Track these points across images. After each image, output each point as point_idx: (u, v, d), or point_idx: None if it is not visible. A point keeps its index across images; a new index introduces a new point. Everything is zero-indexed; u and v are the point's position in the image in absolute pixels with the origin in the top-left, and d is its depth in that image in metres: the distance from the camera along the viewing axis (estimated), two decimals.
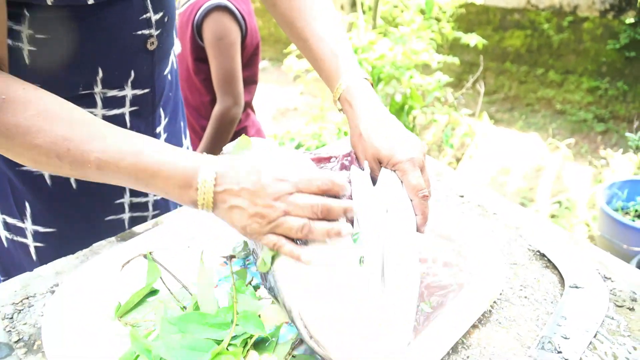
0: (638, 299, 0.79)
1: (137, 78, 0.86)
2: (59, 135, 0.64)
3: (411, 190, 0.73)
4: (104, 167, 0.65)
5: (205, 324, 0.62)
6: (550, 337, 0.71)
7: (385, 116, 0.79)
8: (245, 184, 0.64)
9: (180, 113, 1.07)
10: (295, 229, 0.64)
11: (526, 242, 0.91)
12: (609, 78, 4.04)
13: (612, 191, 2.56)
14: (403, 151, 0.74)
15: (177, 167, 0.65)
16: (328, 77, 0.85)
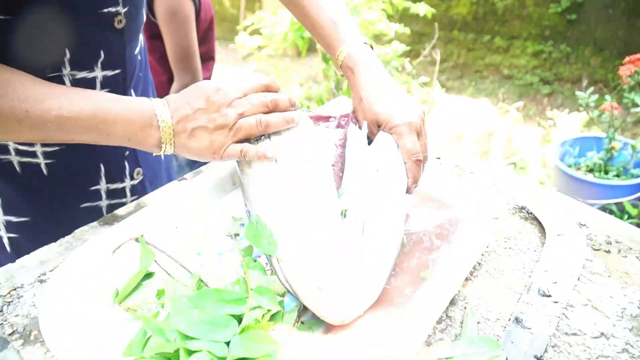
0: (612, 242, 0.84)
1: (107, 59, 0.83)
2: (15, 97, 0.64)
3: (405, 153, 0.75)
4: (64, 124, 0.66)
5: (222, 300, 0.62)
6: (539, 282, 0.75)
7: (386, 81, 0.80)
8: (197, 104, 0.69)
9: (150, 94, 1.05)
10: (254, 125, 0.70)
11: (504, 197, 0.94)
12: (552, 41, 4.17)
13: (564, 149, 2.67)
14: (400, 115, 0.76)
15: (134, 110, 0.68)
16: (328, 44, 0.86)
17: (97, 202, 0.94)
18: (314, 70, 4.41)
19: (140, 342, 0.59)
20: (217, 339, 0.57)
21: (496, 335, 0.68)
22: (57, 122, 0.65)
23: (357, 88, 0.81)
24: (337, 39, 0.84)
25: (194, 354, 0.55)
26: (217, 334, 0.58)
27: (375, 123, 0.79)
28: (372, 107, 0.78)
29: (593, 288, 0.75)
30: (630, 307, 0.72)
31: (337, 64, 0.85)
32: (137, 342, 0.59)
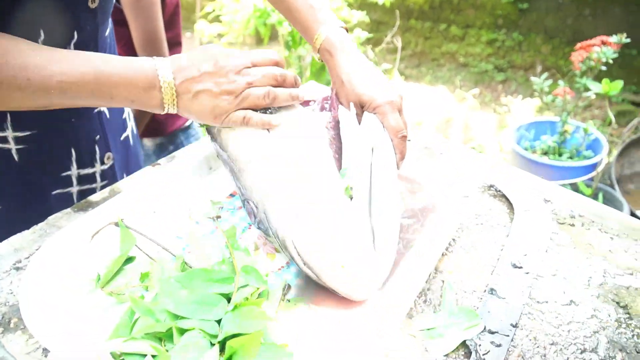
0: (576, 215, 0.89)
1: (80, 40, 0.81)
2: (16, 65, 0.62)
3: (391, 130, 0.78)
4: (67, 89, 0.65)
5: (210, 280, 0.62)
6: (511, 255, 0.78)
7: (364, 63, 0.83)
8: (204, 67, 0.68)
9: None
10: (262, 96, 0.70)
11: (473, 177, 0.97)
12: (505, 30, 4.27)
13: (520, 133, 2.75)
14: (382, 95, 0.79)
15: (136, 72, 0.67)
16: (305, 28, 0.87)
17: (68, 188, 0.92)
18: None
19: (127, 324, 0.59)
20: (207, 318, 0.58)
21: (473, 306, 0.70)
22: (60, 87, 0.64)
23: (338, 71, 0.83)
24: (314, 23, 0.85)
25: (186, 332, 0.55)
26: (207, 313, 0.58)
27: (358, 104, 0.81)
28: (354, 89, 0.81)
29: (560, 259, 0.79)
30: (595, 276, 0.77)
31: (315, 48, 0.86)
32: (124, 324, 0.59)
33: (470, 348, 0.63)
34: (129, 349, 0.55)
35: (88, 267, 0.70)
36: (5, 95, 0.64)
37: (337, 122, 0.82)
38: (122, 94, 0.67)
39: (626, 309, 0.71)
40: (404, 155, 0.80)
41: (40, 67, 0.63)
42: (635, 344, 0.66)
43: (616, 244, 0.83)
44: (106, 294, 0.66)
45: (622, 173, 2.58)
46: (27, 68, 0.63)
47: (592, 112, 3.55)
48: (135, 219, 0.77)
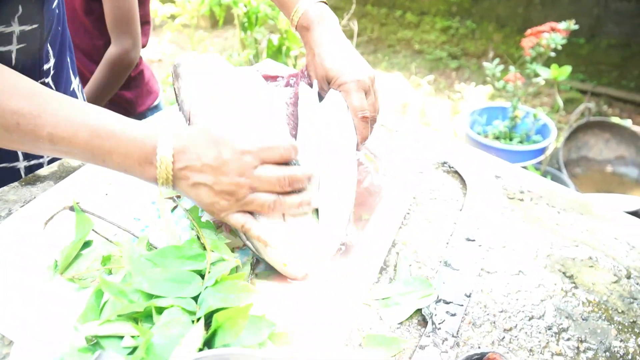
0: (525, 191, 0.91)
1: (25, 13, 0.77)
2: (7, 109, 0.58)
3: (352, 110, 0.76)
4: (58, 143, 0.60)
5: (182, 257, 0.61)
6: (464, 229, 0.80)
7: (340, 39, 0.81)
8: (206, 159, 0.61)
9: (67, 48, 0.99)
10: (267, 206, 0.63)
11: (428, 153, 0.98)
12: (459, 17, 4.34)
13: (473, 118, 2.81)
14: (350, 73, 0.77)
15: (134, 143, 0.61)
16: (283, 4, 0.85)
17: (15, 162, 0.88)
18: (230, 42, 4.32)
19: (95, 308, 0.57)
20: (183, 295, 0.56)
21: (427, 276, 0.72)
22: (50, 139, 0.60)
23: (311, 44, 0.81)
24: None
25: (165, 310, 0.54)
26: (183, 290, 0.57)
27: (325, 79, 0.80)
28: (323, 62, 0.79)
29: (509, 232, 0.81)
30: (543, 247, 0.79)
31: (293, 23, 0.84)
32: (91, 308, 0.57)
33: (426, 318, 0.65)
34: (106, 332, 0.53)
35: (42, 254, 0.67)
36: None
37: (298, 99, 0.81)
38: (115, 162, 0.62)
39: (572, 279, 0.74)
40: (364, 137, 0.78)
41: (34, 115, 0.59)
42: (581, 312, 0.69)
43: (563, 218, 0.86)
44: (66, 280, 0.64)
45: (569, 157, 2.68)
46: (21, 113, 0.58)
47: (541, 100, 3.66)
48: (88, 202, 0.75)
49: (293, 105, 0.80)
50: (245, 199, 0.62)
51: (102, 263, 0.66)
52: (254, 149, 0.63)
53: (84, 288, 0.63)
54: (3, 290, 0.62)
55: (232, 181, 0.61)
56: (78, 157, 0.63)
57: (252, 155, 0.62)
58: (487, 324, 0.66)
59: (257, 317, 0.56)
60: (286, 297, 0.64)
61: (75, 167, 0.86)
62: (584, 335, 0.66)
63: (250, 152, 0.62)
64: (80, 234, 0.66)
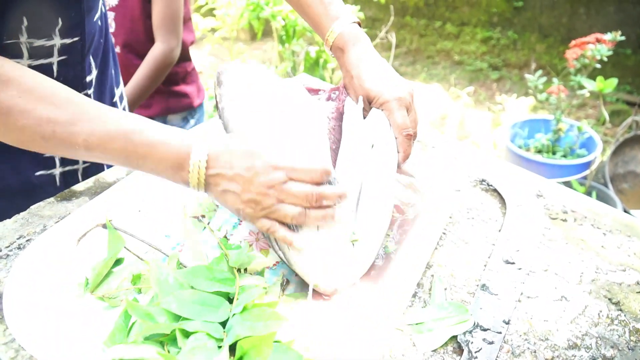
0: (568, 211, 0.87)
1: (65, 26, 0.80)
2: (44, 116, 0.61)
3: (396, 128, 0.76)
4: (93, 149, 0.63)
5: (212, 279, 0.60)
6: (503, 251, 0.77)
7: (376, 59, 0.81)
8: (238, 169, 0.63)
9: (111, 60, 1.01)
10: (290, 217, 0.64)
11: (466, 170, 0.96)
12: (500, 28, 4.26)
13: (514, 131, 2.74)
14: (390, 91, 0.77)
15: (168, 149, 0.64)
16: (317, 24, 0.85)
17: (52, 169, 0.90)
18: (268, 54, 4.36)
19: (123, 329, 0.57)
20: (211, 320, 0.56)
21: (463, 300, 0.69)
22: (86, 146, 0.62)
23: (348, 67, 0.82)
24: (327, 19, 0.83)
25: (191, 335, 0.53)
26: (211, 314, 0.56)
27: (366, 99, 0.80)
28: (363, 84, 0.79)
29: (552, 254, 0.78)
30: (588, 271, 0.75)
31: (328, 44, 0.85)
32: (120, 329, 0.57)
33: (462, 345, 0.62)
34: (132, 355, 0.52)
35: (74, 271, 0.67)
36: (28, 140, 0.63)
37: (341, 114, 0.80)
38: (149, 166, 0.65)
39: (618, 306, 0.70)
40: (407, 154, 0.78)
41: (69, 122, 0.62)
42: (627, 341, 0.65)
43: (609, 240, 0.82)
44: (96, 298, 0.64)
45: (615, 172, 2.58)
46: (56, 121, 0.61)
47: (586, 112, 3.55)
48: (120, 219, 0.75)
49: (334, 119, 0.80)
50: (270, 208, 0.64)
51: (133, 282, 0.66)
52: (287, 166, 0.64)
53: (114, 307, 0.63)
54: (33, 308, 0.62)
55: (259, 191, 0.64)
56: (113, 162, 0.66)
57: (284, 172, 0.64)
58: (527, 353, 0.63)
59: (284, 345, 0.55)
60: (316, 320, 0.63)
61: (110, 183, 0.87)
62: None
63: (283, 169, 0.64)
64: (112, 252, 0.66)
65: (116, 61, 1.06)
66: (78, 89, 0.88)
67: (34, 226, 0.77)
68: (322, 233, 0.66)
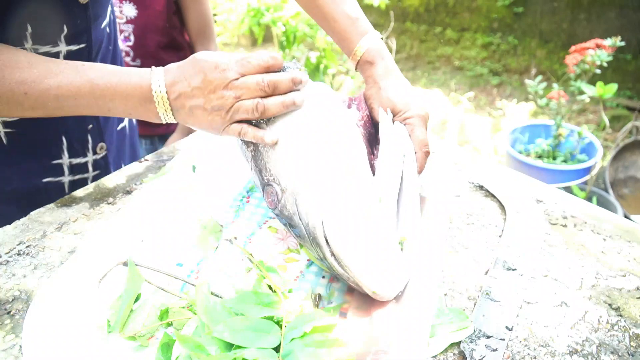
0: (568, 216, 0.87)
1: (70, 33, 0.80)
2: (13, 80, 0.64)
3: (417, 143, 0.78)
4: (64, 102, 0.66)
5: (260, 304, 0.60)
6: (504, 257, 0.77)
7: (400, 76, 0.85)
8: (194, 82, 0.68)
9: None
10: (251, 110, 0.68)
11: (466, 176, 0.96)
12: (501, 33, 4.28)
13: (514, 136, 2.75)
14: (415, 107, 0.80)
15: (131, 86, 0.67)
16: (343, 39, 0.87)
17: (60, 177, 0.90)
18: None
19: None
20: (264, 346, 0.55)
21: (464, 307, 0.69)
22: (56, 100, 0.66)
23: (376, 77, 0.83)
24: (354, 35, 0.85)
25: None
26: (263, 340, 0.56)
27: (390, 112, 0.81)
28: (390, 96, 0.81)
29: (552, 260, 0.78)
30: (588, 277, 0.75)
31: (355, 58, 0.86)
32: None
33: (465, 353, 0.62)
34: None
35: (91, 311, 0.64)
36: (4, 108, 0.66)
37: (365, 123, 0.82)
38: (119, 107, 0.69)
39: (618, 311, 0.70)
40: (422, 169, 0.79)
41: (37, 81, 0.65)
42: (627, 347, 0.65)
43: (609, 246, 0.82)
44: (126, 339, 0.61)
45: (616, 177, 2.58)
46: (25, 82, 0.65)
47: (586, 117, 3.55)
48: (126, 250, 0.73)
49: (363, 127, 0.81)
50: (232, 109, 0.69)
51: (160, 317, 0.63)
52: (233, 62, 0.69)
53: (144, 347, 0.60)
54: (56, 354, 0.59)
55: (218, 95, 0.68)
56: (86, 111, 0.69)
57: (232, 70, 0.68)
58: (528, 359, 0.62)
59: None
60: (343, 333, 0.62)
61: (111, 189, 0.87)
62: None
63: (231, 68, 0.68)
64: (132, 289, 0.64)
65: None
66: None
67: (34, 232, 0.77)
68: (373, 234, 0.65)
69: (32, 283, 0.70)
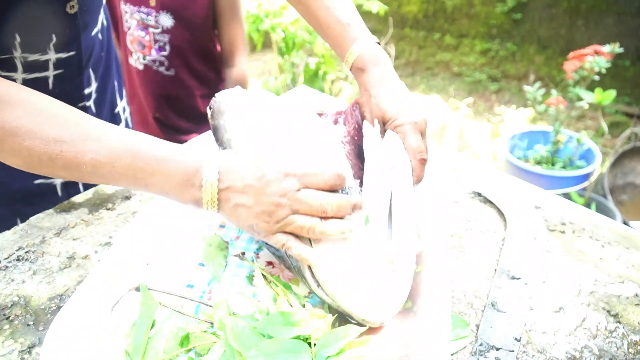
0: (566, 222, 0.87)
1: (59, 41, 0.80)
2: (50, 136, 0.60)
3: (411, 151, 0.74)
4: (100, 168, 0.61)
5: (289, 324, 0.59)
6: (507, 266, 0.77)
7: (395, 82, 0.80)
8: (249, 180, 0.61)
9: (114, 73, 1.02)
10: (307, 229, 0.62)
11: (465, 182, 0.96)
12: (499, 40, 4.29)
13: (513, 142, 2.75)
14: (407, 115, 0.76)
15: (178, 164, 0.62)
16: (336, 45, 0.84)
17: (52, 179, 0.90)
18: (268, 65, 4.39)
19: None
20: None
21: (461, 312, 0.69)
22: (92, 165, 0.61)
23: (367, 85, 0.80)
24: (346, 40, 0.82)
25: None
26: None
27: (381, 120, 0.78)
28: (380, 104, 0.77)
29: (550, 266, 0.78)
30: (586, 284, 0.75)
31: (347, 65, 0.83)
32: None
33: None
34: None
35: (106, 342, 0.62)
36: (35, 162, 0.61)
37: (353, 138, 0.79)
38: (157, 184, 0.63)
39: (617, 318, 0.70)
40: (420, 179, 0.75)
41: (75, 142, 0.60)
42: (625, 353, 0.65)
43: (607, 252, 0.82)
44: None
45: (615, 183, 2.58)
46: (63, 140, 0.60)
47: (585, 123, 3.56)
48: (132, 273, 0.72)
49: (348, 144, 0.78)
50: (284, 220, 0.62)
51: (181, 344, 0.61)
52: (299, 173, 0.62)
53: None
54: None
55: (272, 201, 0.61)
56: (120, 182, 0.64)
57: (296, 179, 0.62)
58: None
59: None
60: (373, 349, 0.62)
61: (110, 194, 0.87)
62: None
63: (295, 175, 0.62)
64: (147, 315, 0.62)
65: (120, 74, 1.07)
66: (75, 101, 0.89)
67: (33, 237, 0.77)
68: (356, 258, 0.63)
69: (31, 288, 0.70)
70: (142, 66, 1.56)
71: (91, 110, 0.94)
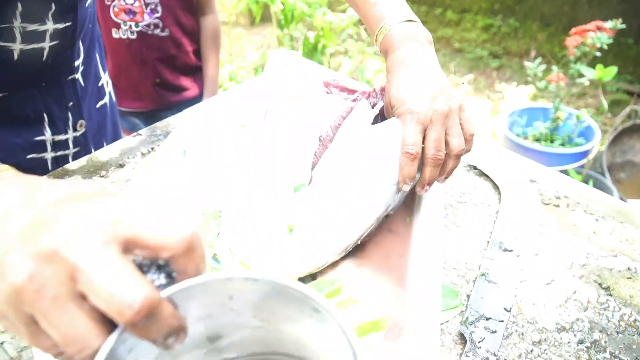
0: (561, 196, 0.87)
1: (58, 11, 0.79)
2: None
3: (401, 142, 0.69)
4: None
5: None
6: (500, 238, 0.77)
7: (412, 65, 0.72)
8: None
9: (96, 45, 1.01)
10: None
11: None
12: (502, 15, 4.24)
13: (512, 119, 2.74)
14: (409, 103, 0.70)
15: None
16: (367, 26, 0.80)
17: (43, 154, 0.90)
18: (267, 39, 4.34)
19: None
20: None
21: (452, 283, 0.69)
22: None
23: (387, 70, 0.75)
24: (372, 22, 0.77)
25: None
26: None
27: (389, 106, 0.74)
28: (390, 90, 0.73)
29: (543, 239, 0.78)
30: (578, 257, 0.75)
31: (378, 46, 0.78)
32: None
33: (465, 335, 0.62)
34: None
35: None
36: None
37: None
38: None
39: (608, 291, 0.70)
40: (405, 176, 0.69)
41: None
42: (615, 326, 0.65)
43: (601, 226, 0.82)
44: None
45: (613, 161, 2.58)
46: None
47: (585, 101, 3.54)
48: None
49: (344, 118, 0.77)
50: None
51: None
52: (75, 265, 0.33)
53: None
54: None
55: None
56: None
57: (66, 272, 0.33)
58: (515, 335, 0.63)
59: None
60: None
61: (103, 162, 0.87)
62: (617, 350, 0.62)
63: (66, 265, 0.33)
64: None
65: (102, 47, 1.06)
66: (66, 74, 0.89)
67: None
68: (254, 220, 0.66)
69: None
70: (136, 34, 1.55)
71: (79, 82, 0.94)
